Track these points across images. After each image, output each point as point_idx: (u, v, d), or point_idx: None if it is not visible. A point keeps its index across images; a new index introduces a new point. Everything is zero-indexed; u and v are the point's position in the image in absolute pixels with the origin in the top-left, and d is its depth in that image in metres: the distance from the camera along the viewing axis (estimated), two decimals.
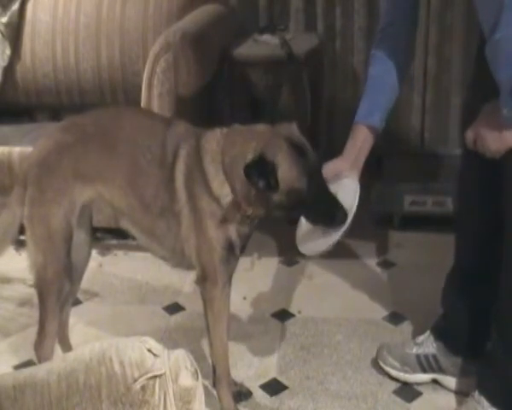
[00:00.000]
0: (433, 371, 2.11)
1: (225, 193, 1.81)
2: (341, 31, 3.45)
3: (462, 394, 2.04)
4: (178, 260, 1.95)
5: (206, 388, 1.97)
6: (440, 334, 2.11)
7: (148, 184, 1.88)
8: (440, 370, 2.10)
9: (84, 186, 1.91)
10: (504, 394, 1.86)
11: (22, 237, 1.98)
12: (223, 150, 1.81)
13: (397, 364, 2.14)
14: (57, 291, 1.93)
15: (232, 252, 1.87)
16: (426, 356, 2.11)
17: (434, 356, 2.10)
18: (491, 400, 1.87)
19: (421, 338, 2.15)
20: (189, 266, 1.94)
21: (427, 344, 2.12)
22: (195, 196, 1.83)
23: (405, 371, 2.13)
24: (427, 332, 2.14)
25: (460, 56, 3.32)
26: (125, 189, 1.90)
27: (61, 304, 1.99)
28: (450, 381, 2.09)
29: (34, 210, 1.91)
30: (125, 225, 1.99)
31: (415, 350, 2.13)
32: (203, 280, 1.90)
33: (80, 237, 2.02)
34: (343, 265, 2.84)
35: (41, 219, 1.90)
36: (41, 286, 1.94)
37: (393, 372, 2.15)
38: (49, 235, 1.90)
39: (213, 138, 1.84)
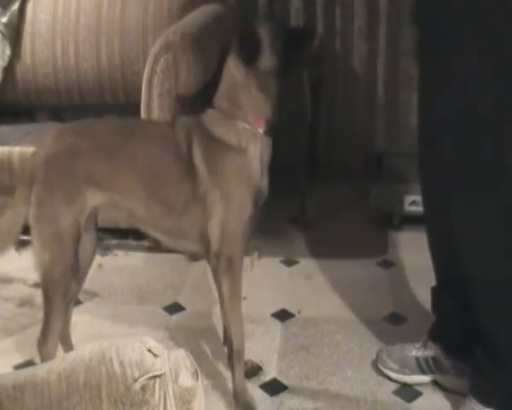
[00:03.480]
0: (432, 372, 2.11)
1: (239, 129, 1.92)
2: (341, 31, 3.45)
3: (462, 394, 2.04)
4: (204, 247, 1.99)
5: (206, 388, 1.98)
6: (438, 337, 2.11)
7: (170, 186, 1.94)
8: (440, 371, 2.10)
9: (96, 192, 1.93)
10: (497, 396, 1.86)
11: (23, 237, 1.98)
12: (219, 109, 1.95)
13: (396, 366, 2.14)
14: (64, 291, 1.93)
15: (257, 207, 1.94)
16: (425, 358, 2.11)
17: (434, 358, 2.10)
18: (485, 403, 1.87)
19: (420, 341, 2.14)
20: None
21: (427, 347, 2.12)
22: (218, 165, 1.91)
23: (405, 373, 2.13)
24: (426, 335, 2.14)
25: None
26: (146, 200, 1.95)
27: (67, 303, 2.00)
28: (451, 382, 2.09)
29: (42, 209, 1.91)
30: (146, 229, 2.05)
31: (414, 353, 2.13)
32: (219, 255, 1.93)
33: (86, 236, 2.02)
34: (343, 265, 2.84)
35: (49, 218, 1.90)
36: (47, 285, 1.93)
37: (393, 375, 2.15)
38: (58, 235, 1.90)
39: (210, 111, 1.97)
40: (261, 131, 1.94)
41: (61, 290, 1.92)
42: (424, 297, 2.48)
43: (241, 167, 1.93)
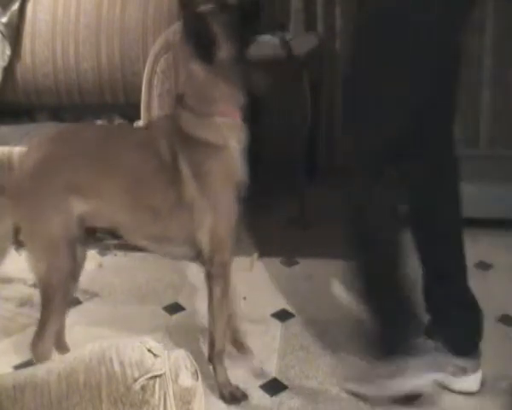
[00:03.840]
0: (433, 372, 2.11)
1: (218, 125, 1.92)
2: (341, 31, 3.45)
3: (463, 393, 2.04)
4: (194, 251, 1.99)
5: (206, 388, 1.98)
6: (435, 336, 2.11)
7: (155, 192, 1.93)
8: (440, 370, 2.10)
9: (81, 199, 1.91)
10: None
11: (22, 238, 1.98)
12: (192, 109, 1.93)
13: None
14: (63, 295, 1.94)
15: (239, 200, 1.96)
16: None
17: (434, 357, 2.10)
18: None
19: (419, 341, 2.14)
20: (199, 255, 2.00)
21: (426, 346, 2.12)
22: (203, 168, 1.90)
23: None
24: (425, 335, 2.14)
25: None
26: (132, 207, 1.95)
27: (66, 306, 2.01)
28: (451, 380, 2.09)
29: (31, 222, 1.91)
30: (133, 238, 2.05)
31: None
32: (212, 261, 1.95)
33: None
34: (343, 265, 2.84)
35: (40, 230, 1.90)
36: (46, 291, 1.94)
37: None
38: (52, 244, 1.90)
39: (183, 113, 1.95)
40: (239, 120, 1.95)
41: (60, 295, 1.93)
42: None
43: (225, 166, 1.93)
